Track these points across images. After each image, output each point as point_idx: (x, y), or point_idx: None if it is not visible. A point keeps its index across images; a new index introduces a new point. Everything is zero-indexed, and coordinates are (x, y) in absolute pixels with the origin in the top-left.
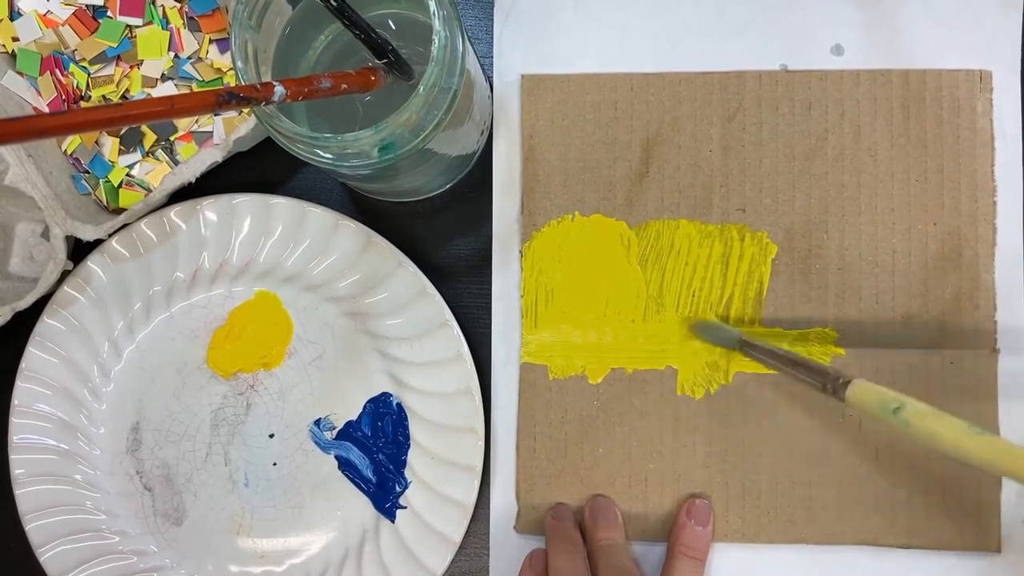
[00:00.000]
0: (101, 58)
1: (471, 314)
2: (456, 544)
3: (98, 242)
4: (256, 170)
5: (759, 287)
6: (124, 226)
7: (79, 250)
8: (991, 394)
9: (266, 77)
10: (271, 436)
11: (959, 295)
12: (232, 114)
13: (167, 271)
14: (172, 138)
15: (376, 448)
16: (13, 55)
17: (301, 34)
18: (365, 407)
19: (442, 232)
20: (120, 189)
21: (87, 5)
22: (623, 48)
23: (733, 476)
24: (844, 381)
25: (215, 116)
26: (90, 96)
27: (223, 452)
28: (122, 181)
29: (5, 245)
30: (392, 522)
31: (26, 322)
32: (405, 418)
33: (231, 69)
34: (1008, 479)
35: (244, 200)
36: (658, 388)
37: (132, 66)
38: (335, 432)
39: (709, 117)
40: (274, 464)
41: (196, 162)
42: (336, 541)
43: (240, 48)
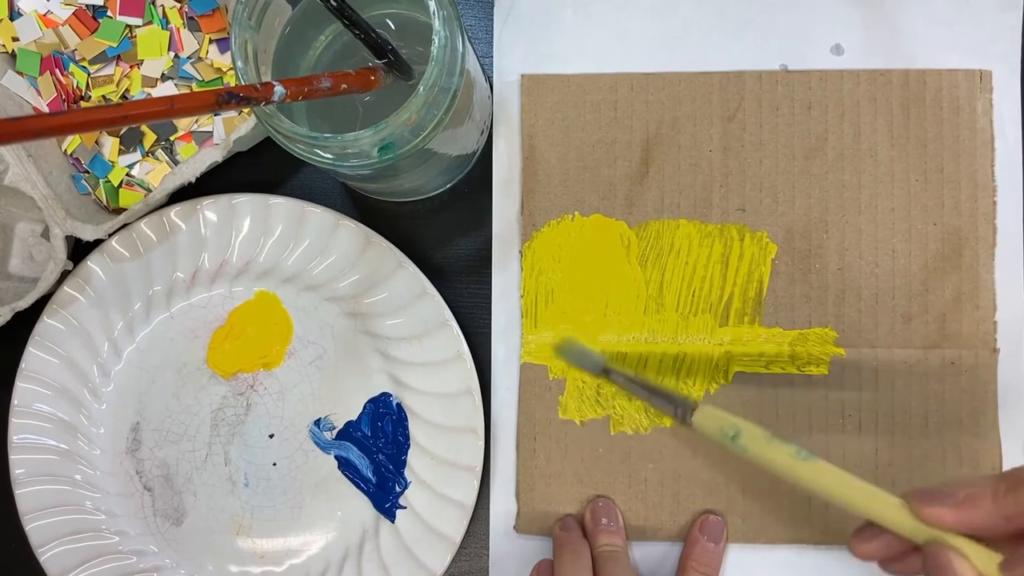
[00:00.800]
0: (101, 58)
1: (471, 314)
2: (456, 544)
3: (98, 242)
4: (256, 170)
5: (759, 287)
6: (124, 226)
7: (79, 250)
8: (991, 394)
9: (266, 77)
10: (271, 436)
11: (959, 295)
12: (232, 114)
13: (167, 271)
14: (172, 138)
15: (376, 448)
16: (13, 55)
17: (301, 34)
18: (365, 407)
19: (442, 232)
20: (120, 189)
21: (87, 5)
22: (623, 48)
23: (733, 476)
24: (691, 408)
25: (215, 116)
26: (90, 96)
27: (223, 452)
28: (122, 181)
29: (5, 245)
30: (392, 522)
31: (26, 322)
32: (405, 418)
33: (231, 69)
34: (835, 502)
35: (244, 200)
36: None
37: (132, 66)
38: (335, 432)
39: (709, 117)
40: (274, 464)
41: (196, 162)
42: (336, 541)
43: (240, 48)
